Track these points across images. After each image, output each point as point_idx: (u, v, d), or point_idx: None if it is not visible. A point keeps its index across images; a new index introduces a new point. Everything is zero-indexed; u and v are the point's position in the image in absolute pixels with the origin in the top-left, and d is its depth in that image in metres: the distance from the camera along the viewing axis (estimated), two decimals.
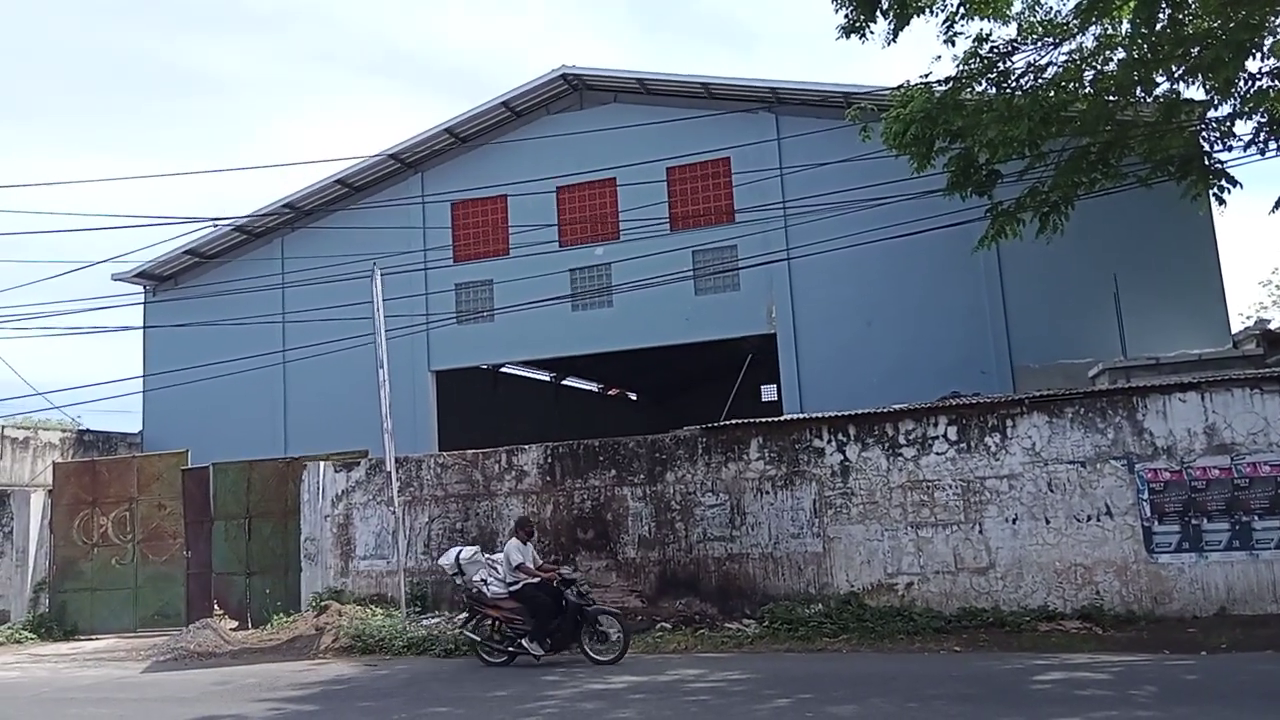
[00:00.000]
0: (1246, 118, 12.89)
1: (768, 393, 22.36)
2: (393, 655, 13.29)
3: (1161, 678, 9.17)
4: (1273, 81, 12.39)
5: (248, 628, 15.80)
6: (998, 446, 12.95)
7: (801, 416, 14.94)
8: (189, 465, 17.74)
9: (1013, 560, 12.68)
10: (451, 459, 15.98)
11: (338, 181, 24.80)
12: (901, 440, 13.38)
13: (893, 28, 13.37)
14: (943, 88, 13.40)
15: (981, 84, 13.60)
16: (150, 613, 17.43)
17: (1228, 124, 13.21)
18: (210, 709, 10.31)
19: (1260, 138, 12.98)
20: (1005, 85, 13.48)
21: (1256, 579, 11.86)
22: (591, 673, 11.12)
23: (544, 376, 32.92)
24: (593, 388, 37.02)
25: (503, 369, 28.74)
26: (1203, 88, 12.86)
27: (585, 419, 31.59)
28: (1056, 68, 13.46)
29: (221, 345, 23.13)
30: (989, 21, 13.57)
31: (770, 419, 14.65)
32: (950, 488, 13.07)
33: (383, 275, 16.21)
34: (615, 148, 22.42)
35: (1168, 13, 12.20)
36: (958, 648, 11.46)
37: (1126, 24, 12.72)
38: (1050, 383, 15.97)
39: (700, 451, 14.34)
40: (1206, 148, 13.60)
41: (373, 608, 14.81)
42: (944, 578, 12.88)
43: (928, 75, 13.57)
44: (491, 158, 24.42)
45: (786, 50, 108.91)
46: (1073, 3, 13.18)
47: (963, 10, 13.35)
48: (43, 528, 18.31)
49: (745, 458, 14.09)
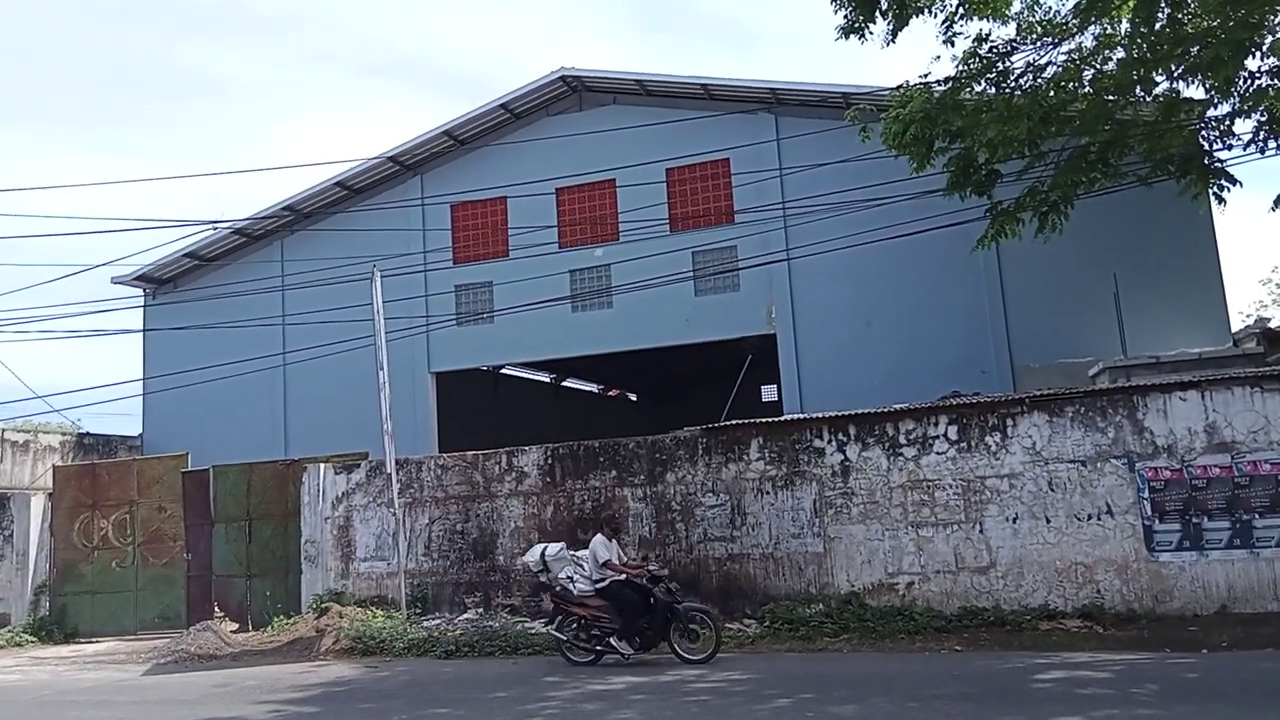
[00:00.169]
0: (1246, 116, 12.88)
1: (768, 393, 22.38)
2: (393, 657, 13.29)
3: (1162, 676, 9.16)
4: (1272, 80, 12.38)
5: (248, 630, 15.80)
6: (998, 446, 12.95)
7: (802, 417, 14.94)
8: (189, 468, 17.75)
9: (1013, 559, 12.67)
10: (452, 460, 15.98)
11: (337, 184, 24.81)
12: (902, 440, 13.37)
13: (892, 28, 13.37)
14: (942, 88, 13.40)
15: (981, 84, 13.60)
16: (151, 615, 17.43)
17: (1227, 123, 13.20)
18: (211, 711, 10.30)
19: (1260, 136, 12.97)
20: (1004, 85, 13.49)
21: (1257, 577, 11.85)
22: (591, 673, 11.13)
23: (544, 378, 32.92)
24: (593, 389, 37.02)
25: (503, 370, 28.74)
26: (1202, 87, 12.87)
27: (585, 420, 31.59)
28: (1056, 67, 13.46)
29: (221, 348, 23.13)
30: (988, 21, 13.57)
31: (770, 419, 14.65)
32: (951, 487, 13.07)
33: (382, 277, 16.22)
34: (615, 149, 22.42)
35: (1167, 12, 12.20)
36: (959, 647, 11.46)
37: (1126, 23, 12.73)
38: (1050, 382, 15.97)
39: (700, 452, 14.34)
40: (1206, 147, 13.59)
41: (373, 609, 14.81)
42: (945, 577, 12.87)
43: (927, 75, 13.58)
44: (491, 159, 24.43)
45: (787, 51, 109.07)
46: (1072, 2, 13.18)
47: (962, 10, 13.35)
48: (43, 531, 18.30)
49: (745, 458, 14.09)
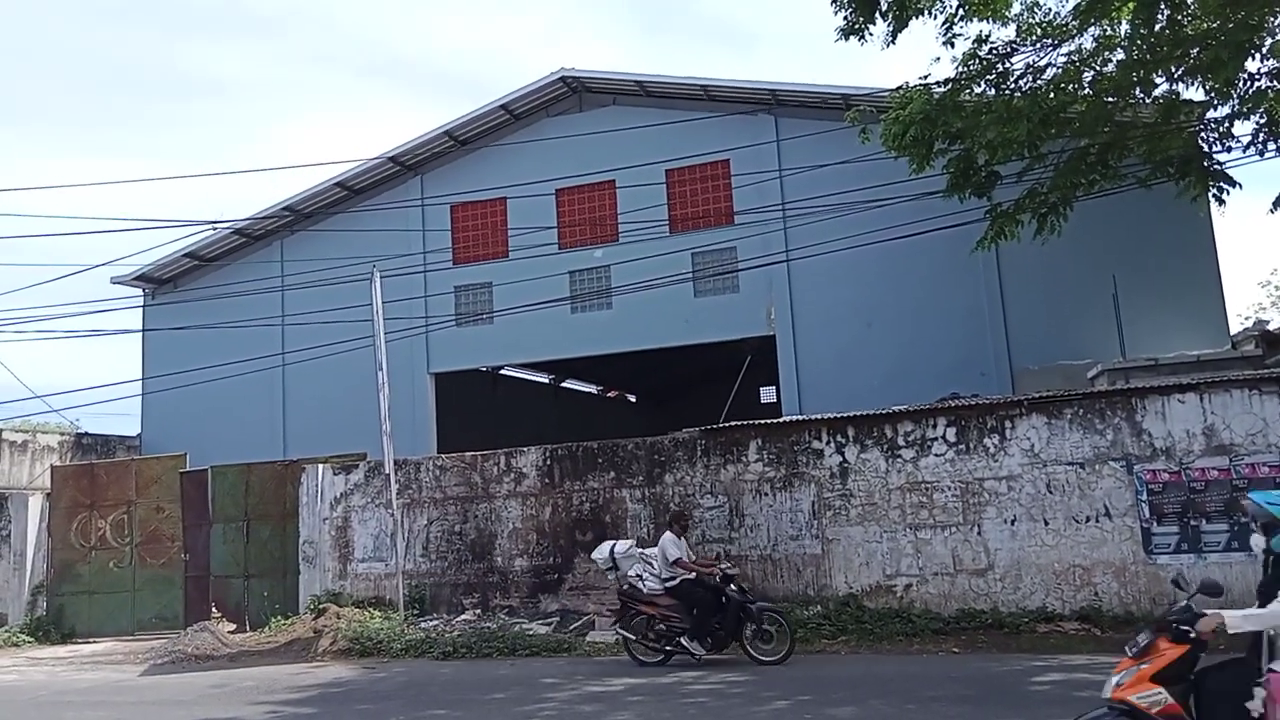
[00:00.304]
0: (1245, 118, 12.88)
1: (767, 394, 22.35)
2: (391, 658, 13.29)
3: None
4: (1272, 82, 12.38)
5: (246, 630, 15.79)
6: (996, 448, 12.94)
7: (800, 418, 14.93)
8: (187, 468, 17.74)
9: (1011, 561, 12.66)
10: (450, 461, 15.97)
11: (337, 184, 24.80)
12: (900, 442, 13.37)
13: (892, 29, 13.37)
14: (942, 89, 13.39)
15: (980, 85, 13.59)
16: (148, 615, 17.42)
17: (1227, 125, 13.20)
18: (208, 712, 10.30)
19: (1259, 139, 12.97)
20: (1004, 86, 13.48)
21: (1255, 580, 11.76)
22: (590, 675, 11.12)
23: (543, 379, 32.91)
24: (592, 390, 37.01)
25: (502, 371, 28.72)
26: (1202, 88, 12.86)
27: (584, 421, 31.57)
28: (1055, 69, 13.45)
29: (220, 348, 23.12)
30: (988, 23, 13.56)
31: (769, 421, 14.64)
32: (949, 489, 13.06)
33: (382, 278, 16.22)
34: (614, 150, 22.41)
35: (1167, 13, 12.19)
36: (956, 649, 11.45)
37: (1125, 25, 12.72)
38: (1049, 384, 15.95)
39: (699, 453, 14.33)
40: (1205, 149, 13.59)
41: (371, 610, 14.80)
42: (942, 579, 12.86)
43: (927, 77, 13.57)
44: (491, 160, 24.42)
45: (787, 51, 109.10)
46: (1072, 4, 13.18)
47: (962, 12, 13.34)
48: (41, 531, 18.30)
49: (744, 459, 14.08)
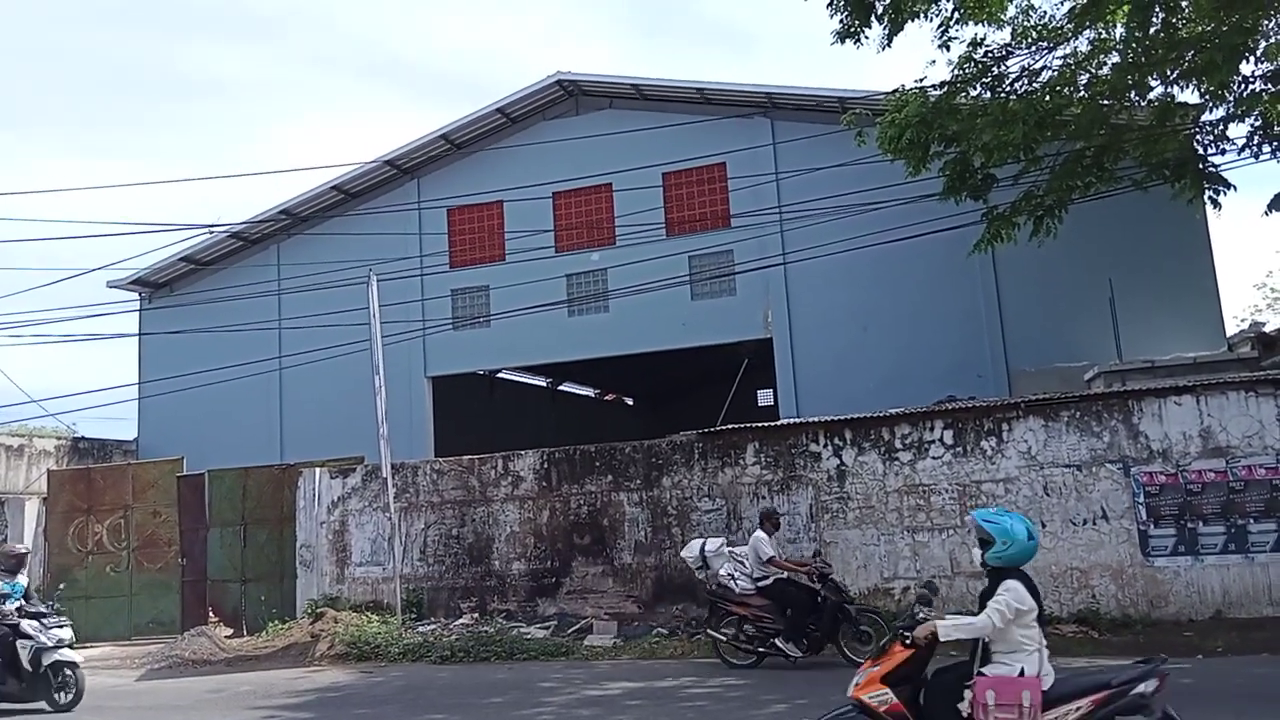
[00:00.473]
0: (1240, 121, 12.92)
1: (764, 397, 22.37)
2: (388, 662, 13.27)
3: None
4: (1266, 85, 12.42)
5: (243, 635, 15.74)
6: (994, 450, 12.95)
7: (798, 421, 14.95)
8: (184, 472, 17.70)
9: None
10: (448, 465, 15.96)
11: (334, 188, 24.79)
12: (898, 444, 13.38)
13: (887, 33, 13.40)
14: (937, 92, 13.44)
15: (976, 88, 13.64)
16: (145, 620, 17.38)
17: (1222, 127, 13.24)
18: (205, 717, 10.28)
19: (1254, 141, 13.01)
20: (1000, 89, 13.53)
21: (1252, 582, 11.86)
22: (588, 679, 11.11)
23: (540, 382, 32.89)
24: (589, 393, 36.99)
25: (499, 374, 28.71)
26: (1197, 91, 12.91)
27: (582, 424, 31.57)
28: (1051, 72, 13.50)
29: (217, 352, 23.08)
30: (983, 26, 13.61)
31: (766, 424, 14.65)
32: (946, 491, 13.07)
33: (379, 281, 16.21)
34: (611, 153, 22.41)
35: (1161, 16, 12.24)
36: (954, 651, 11.42)
37: (1120, 28, 12.78)
38: (1046, 386, 15.98)
39: (696, 456, 14.34)
40: (1200, 151, 13.63)
41: (368, 614, 14.77)
42: (941, 581, 12.84)
43: (922, 80, 13.62)
44: (487, 164, 24.41)
45: (784, 54, 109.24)
46: (1067, 7, 13.23)
47: (957, 15, 13.38)
48: (37, 535, 18.25)
49: (741, 462, 14.09)
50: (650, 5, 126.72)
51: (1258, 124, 12.84)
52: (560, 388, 34.52)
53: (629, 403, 39.91)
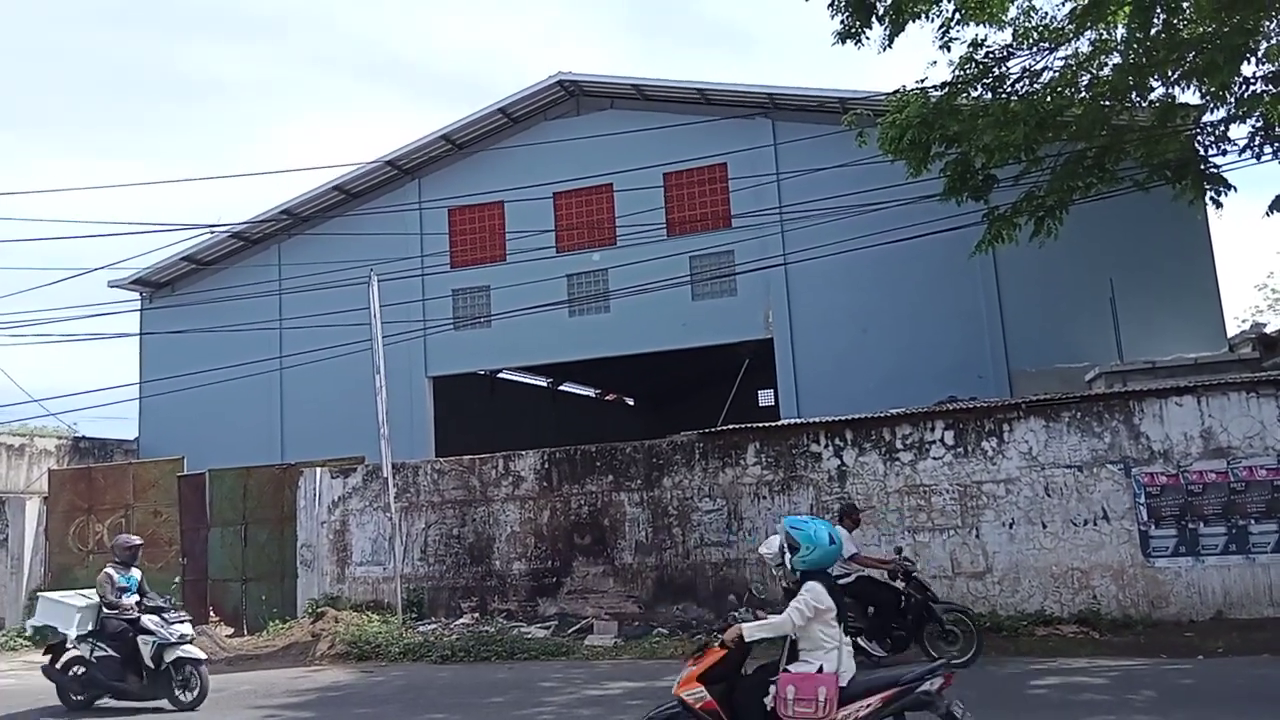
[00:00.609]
0: (1241, 122, 12.94)
1: (765, 398, 22.36)
2: (389, 661, 13.27)
3: (1158, 682, 9.16)
4: (1267, 86, 12.43)
5: (243, 634, 15.76)
6: (994, 451, 12.95)
7: (798, 421, 14.95)
8: (185, 472, 17.72)
9: (1010, 564, 12.67)
10: (448, 465, 15.97)
11: (335, 188, 24.79)
12: (898, 445, 13.38)
13: (888, 33, 13.40)
14: (938, 93, 13.44)
15: (977, 89, 13.63)
16: None
17: (1223, 128, 13.26)
18: (205, 716, 10.28)
19: (1255, 142, 13.02)
20: (1001, 90, 13.53)
21: (1253, 582, 11.86)
22: (588, 678, 11.10)
23: (541, 382, 32.90)
24: (590, 393, 37.00)
25: (500, 375, 28.71)
26: (1198, 92, 12.91)
27: (582, 424, 31.57)
28: (1052, 73, 13.50)
29: (218, 352, 23.09)
30: (984, 27, 13.59)
31: (767, 424, 14.64)
32: (947, 492, 13.07)
33: (380, 281, 16.22)
34: (612, 154, 22.42)
35: (1162, 17, 12.24)
36: (954, 652, 11.42)
37: (1121, 29, 12.78)
38: (1047, 387, 15.97)
39: (697, 457, 14.34)
40: (1201, 152, 13.64)
41: (369, 614, 14.78)
42: (941, 582, 12.84)
43: (923, 80, 13.62)
44: (488, 164, 24.41)
45: (785, 54, 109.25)
46: (1068, 8, 13.23)
47: (958, 16, 13.38)
48: (38, 535, 18.27)
49: (742, 463, 14.09)
50: (650, 5, 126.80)
51: (1259, 125, 12.85)
52: (561, 388, 34.53)
53: (630, 403, 39.92)
